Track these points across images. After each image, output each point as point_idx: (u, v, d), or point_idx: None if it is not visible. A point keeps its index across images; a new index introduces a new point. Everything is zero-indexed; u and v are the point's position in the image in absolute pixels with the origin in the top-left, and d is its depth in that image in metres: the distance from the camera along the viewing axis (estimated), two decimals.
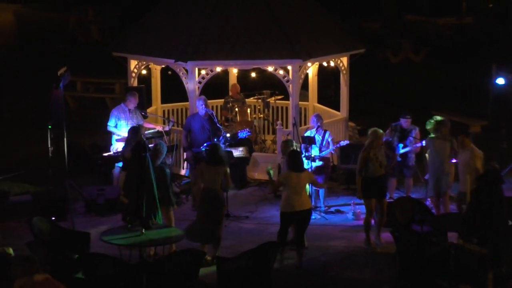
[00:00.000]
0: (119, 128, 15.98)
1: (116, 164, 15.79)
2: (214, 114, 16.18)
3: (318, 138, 15.27)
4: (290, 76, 17.21)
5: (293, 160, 12.80)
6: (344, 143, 15.62)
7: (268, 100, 19.18)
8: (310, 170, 14.77)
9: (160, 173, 12.60)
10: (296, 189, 12.55)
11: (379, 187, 13.52)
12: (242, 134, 16.37)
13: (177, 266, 10.65)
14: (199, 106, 15.75)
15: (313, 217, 14.85)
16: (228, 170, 13.04)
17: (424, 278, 11.11)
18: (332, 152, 15.75)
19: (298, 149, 14.20)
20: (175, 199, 13.30)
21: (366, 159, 13.47)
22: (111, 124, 16.02)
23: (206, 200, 12.72)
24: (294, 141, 14.32)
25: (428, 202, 14.73)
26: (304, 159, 14.67)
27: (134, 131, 14.83)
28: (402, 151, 15.35)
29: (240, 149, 16.36)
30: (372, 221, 13.65)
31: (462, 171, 13.70)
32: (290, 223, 12.66)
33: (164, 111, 19.28)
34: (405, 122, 15.44)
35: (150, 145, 14.21)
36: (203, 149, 15.05)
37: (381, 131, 13.77)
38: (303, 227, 12.74)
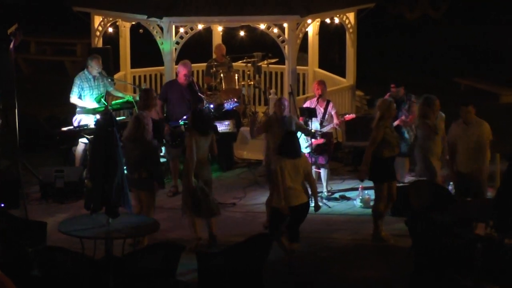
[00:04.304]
0: (84, 99, 15.87)
1: (80, 141, 15.73)
2: (195, 81, 16.14)
3: (319, 110, 15.23)
4: (286, 36, 17.18)
5: (286, 143, 12.68)
6: (349, 116, 15.59)
7: (260, 64, 19.15)
8: (310, 148, 14.74)
9: (149, 149, 12.77)
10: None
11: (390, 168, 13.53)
12: (229, 105, 16.34)
13: (150, 262, 10.63)
14: (181, 72, 15.60)
15: (311, 204, 14.87)
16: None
17: (444, 276, 11.13)
18: (336, 127, 15.69)
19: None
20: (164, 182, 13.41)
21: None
22: (73, 95, 15.91)
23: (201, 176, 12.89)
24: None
25: (450, 187, 14.72)
26: (302, 135, 14.64)
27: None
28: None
29: (226, 123, 16.36)
30: None
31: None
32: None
33: (134, 77, 19.26)
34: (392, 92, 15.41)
35: (118, 118, 14.18)
36: (182, 122, 15.02)
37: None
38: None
